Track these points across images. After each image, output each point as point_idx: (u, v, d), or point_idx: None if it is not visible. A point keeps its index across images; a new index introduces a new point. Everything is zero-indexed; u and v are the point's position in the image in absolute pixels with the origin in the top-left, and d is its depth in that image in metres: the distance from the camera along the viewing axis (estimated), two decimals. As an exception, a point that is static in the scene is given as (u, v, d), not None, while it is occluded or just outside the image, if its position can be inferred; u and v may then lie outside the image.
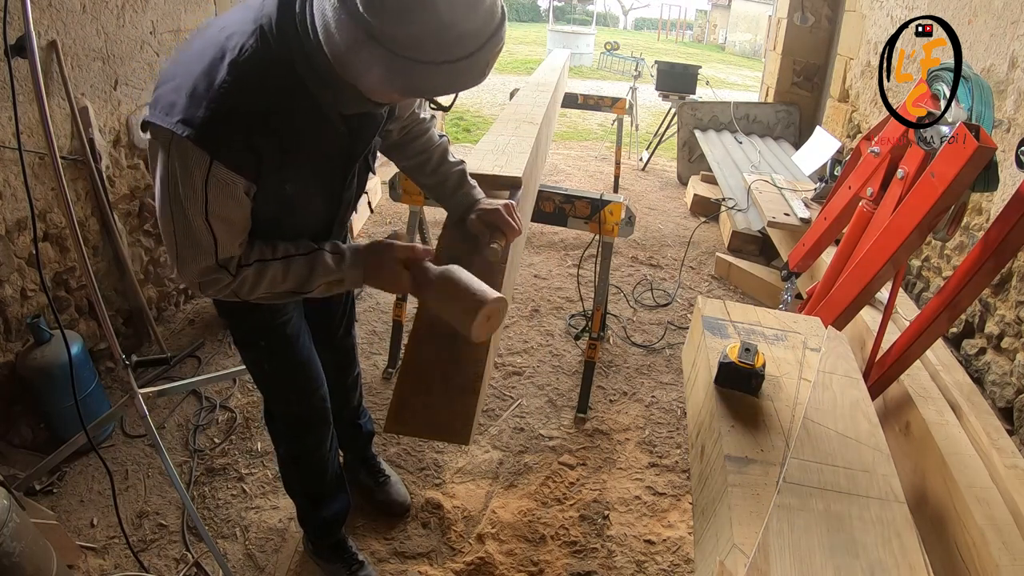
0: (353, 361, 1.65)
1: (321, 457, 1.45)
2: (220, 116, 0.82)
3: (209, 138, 0.82)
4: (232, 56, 0.83)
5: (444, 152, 1.26)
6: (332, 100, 0.89)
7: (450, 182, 1.23)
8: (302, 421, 1.39)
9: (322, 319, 1.46)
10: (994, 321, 2.21)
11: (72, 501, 1.77)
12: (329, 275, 0.99)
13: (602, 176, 5.11)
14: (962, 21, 2.55)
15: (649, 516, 1.85)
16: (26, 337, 1.90)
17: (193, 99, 0.82)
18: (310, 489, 1.51)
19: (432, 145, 1.25)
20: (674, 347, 2.71)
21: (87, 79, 2.06)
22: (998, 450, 1.60)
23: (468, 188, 1.23)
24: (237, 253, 0.94)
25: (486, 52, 0.75)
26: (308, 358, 1.32)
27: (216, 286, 0.95)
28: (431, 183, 1.26)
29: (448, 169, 1.25)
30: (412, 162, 1.26)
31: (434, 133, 1.27)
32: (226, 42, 0.84)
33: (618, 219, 2.03)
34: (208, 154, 0.83)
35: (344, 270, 1.00)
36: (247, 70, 0.83)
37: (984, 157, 1.40)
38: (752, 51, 16.93)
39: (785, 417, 1.02)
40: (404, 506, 1.79)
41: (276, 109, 0.86)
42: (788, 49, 4.72)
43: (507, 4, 0.79)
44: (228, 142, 0.84)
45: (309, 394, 1.35)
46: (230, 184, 0.87)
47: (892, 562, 0.79)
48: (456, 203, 1.23)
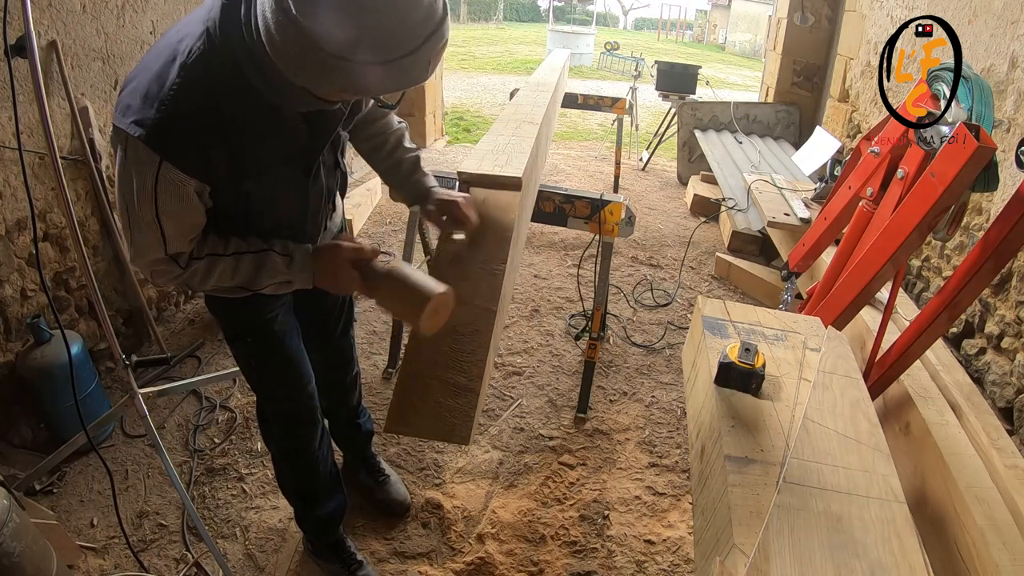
0: (351, 360, 1.66)
1: (311, 455, 1.45)
2: (170, 118, 0.84)
3: (159, 139, 0.84)
4: (181, 59, 0.84)
5: (400, 137, 1.29)
6: (283, 100, 0.89)
7: (404, 167, 1.28)
8: (291, 417, 1.40)
9: (317, 317, 1.46)
10: (994, 321, 2.21)
11: (72, 501, 1.77)
12: (277, 276, 1.01)
13: (602, 176, 5.11)
14: (962, 21, 2.55)
15: (649, 516, 1.85)
16: (26, 337, 1.90)
17: (146, 101, 0.84)
18: (303, 488, 1.52)
19: (389, 129, 1.28)
20: (674, 347, 2.71)
21: (87, 79, 2.06)
22: (998, 450, 1.60)
23: (420, 176, 1.28)
24: (187, 249, 0.96)
25: (427, 48, 0.76)
26: (296, 355, 1.33)
27: (166, 276, 0.98)
28: (385, 167, 1.30)
29: (402, 155, 1.29)
30: (368, 144, 1.29)
31: (392, 118, 1.29)
32: (178, 45, 0.86)
33: (618, 219, 2.03)
34: (158, 155, 0.85)
35: (293, 272, 1.01)
36: (195, 72, 0.84)
37: (984, 157, 1.40)
38: (752, 51, 16.94)
39: (785, 417, 1.02)
40: (404, 505, 1.79)
41: (227, 109, 0.87)
42: (788, 49, 4.72)
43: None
44: (177, 143, 0.85)
45: (297, 391, 1.35)
46: (179, 184, 0.88)
47: (892, 562, 0.79)
48: (409, 189, 1.27)
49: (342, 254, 0.99)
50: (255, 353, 1.30)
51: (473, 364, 1.00)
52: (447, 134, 6.13)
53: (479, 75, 10.51)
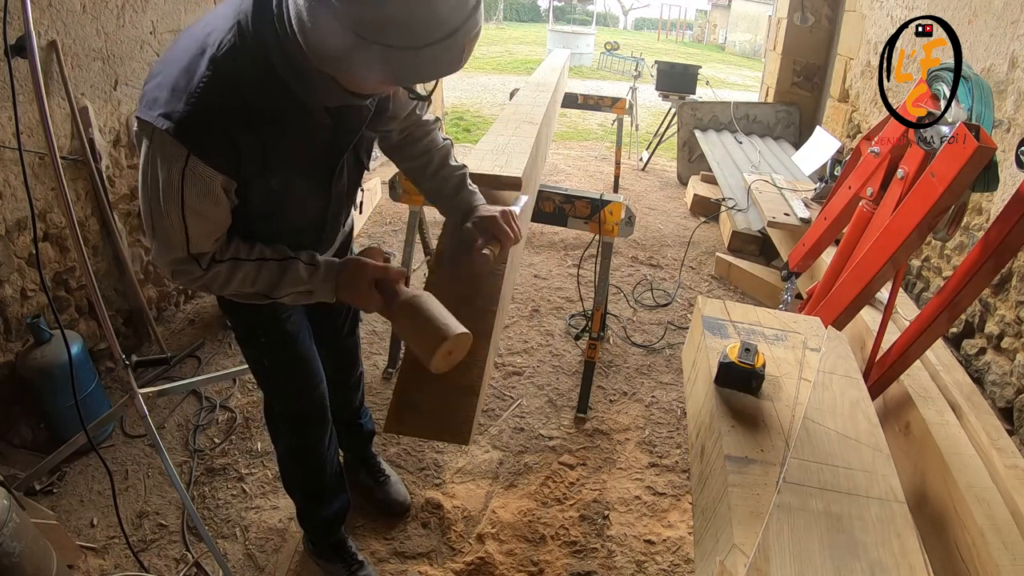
0: (355, 361, 1.66)
1: (320, 454, 1.45)
2: (199, 111, 0.82)
3: (187, 132, 0.83)
4: (212, 52, 0.83)
5: (446, 156, 1.25)
6: (312, 93, 0.88)
7: (449, 185, 1.22)
8: (301, 417, 1.40)
9: (325, 317, 1.46)
10: (994, 321, 2.21)
11: (72, 501, 1.77)
12: (299, 285, 1.00)
13: (602, 176, 5.11)
14: (962, 21, 2.55)
15: (649, 516, 1.85)
16: (26, 337, 1.90)
17: (174, 94, 0.83)
18: (309, 487, 1.52)
19: (434, 147, 1.25)
20: (674, 347, 2.71)
21: (87, 79, 2.06)
22: (998, 450, 1.60)
23: (467, 193, 1.22)
24: (210, 249, 0.95)
25: (462, 35, 0.74)
26: (308, 354, 1.33)
27: (187, 276, 0.96)
28: (430, 187, 1.25)
29: (449, 173, 1.23)
30: (413, 164, 1.25)
31: (437, 136, 1.26)
32: (206, 38, 0.85)
33: (618, 219, 2.03)
34: (186, 148, 0.84)
35: (315, 283, 1.00)
36: (225, 65, 0.83)
37: (984, 157, 1.40)
38: (752, 51, 16.94)
39: (785, 417, 1.02)
40: (404, 506, 1.79)
41: (256, 103, 0.86)
42: (788, 49, 4.72)
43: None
44: (206, 137, 0.84)
45: (309, 390, 1.36)
46: (206, 180, 0.87)
47: (892, 562, 0.79)
48: (454, 207, 1.21)
49: (367, 273, 0.98)
50: (267, 352, 1.30)
51: (473, 364, 1.00)
52: (447, 134, 6.13)
53: (479, 75, 10.51)
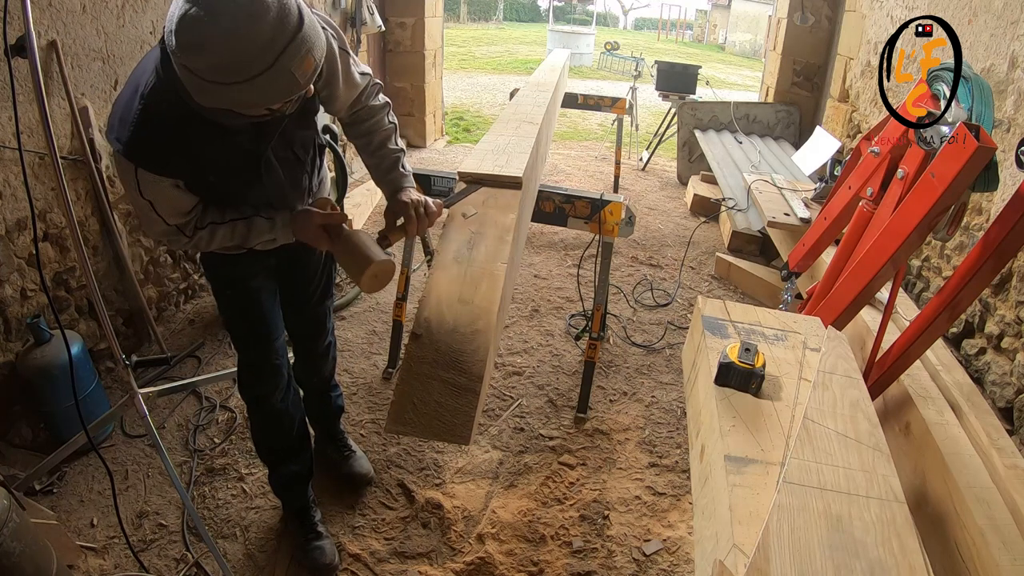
0: (324, 330, 1.73)
1: (273, 407, 1.57)
2: (136, 137, 1.06)
3: (131, 153, 1.07)
4: (141, 90, 1.05)
5: (386, 138, 1.40)
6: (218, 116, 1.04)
7: (384, 164, 1.38)
8: (252, 367, 1.54)
9: (298, 281, 1.59)
10: (994, 321, 2.21)
11: (72, 501, 1.77)
12: (264, 234, 1.25)
13: (602, 176, 5.11)
14: (962, 21, 2.55)
15: (649, 516, 1.85)
16: (26, 337, 1.90)
17: (122, 123, 1.07)
18: (268, 442, 1.64)
19: (378, 128, 1.39)
20: (674, 347, 2.71)
21: (87, 79, 2.06)
22: (998, 450, 1.60)
23: (397, 175, 1.36)
24: (182, 220, 1.18)
25: (285, 60, 0.89)
26: (267, 311, 1.50)
27: (178, 243, 1.21)
28: (370, 162, 1.41)
29: (386, 153, 1.38)
30: (358, 141, 1.42)
31: (383, 119, 1.40)
32: (140, 76, 1.07)
33: (618, 219, 2.03)
34: (133, 163, 1.07)
35: (276, 231, 1.25)
36: (152, 100, 1.04)
37: (984, 157, 1.40)
38: (752, 51, 16.94)
39: (785, 417, 1.02)
40: (367, 477, 1.88)
41: (177, 128, 1.06)
42: (788, 49, 4.72)
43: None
44: (145, 154, 1.07)
45: (262, 341, 1.50)
46: (155, 181, 1.10)
47: (892, 562, 0.79)
48: (384, 184, 1.38)
49: (314, 219, 1.20)
50: (231, 304, 1.50)
51: (473, 364, 1.00)
52: (447, 134, 6.13)
53: (479, 75, 10.51)
